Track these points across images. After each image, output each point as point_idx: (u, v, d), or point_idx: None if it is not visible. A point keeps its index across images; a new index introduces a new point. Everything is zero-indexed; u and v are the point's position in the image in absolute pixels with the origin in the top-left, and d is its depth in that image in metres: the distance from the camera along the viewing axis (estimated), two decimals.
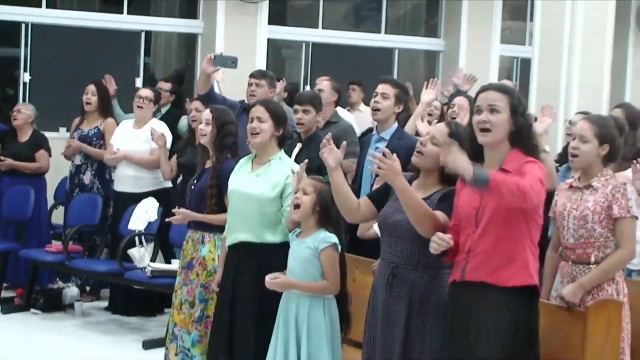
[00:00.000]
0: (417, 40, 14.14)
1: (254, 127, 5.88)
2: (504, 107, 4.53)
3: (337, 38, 13.35)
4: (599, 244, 5.37)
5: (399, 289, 4.96)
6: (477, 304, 4.56)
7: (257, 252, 5.88)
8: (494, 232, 4.53)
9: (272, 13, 12.44)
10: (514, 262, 4.53)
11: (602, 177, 5.43)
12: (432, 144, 4.98)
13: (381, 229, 5.15)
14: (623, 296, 5.43)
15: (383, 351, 5.03)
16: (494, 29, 13.82)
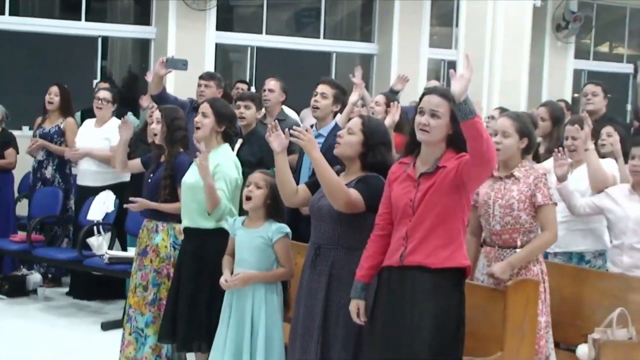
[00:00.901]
0: (353, 44, 14.18)
1: (197, 122, 5.99)
2: (445, 113, 4.52)
3: (279, 43, 13.37)
4: (524, 229, 5.44)
5: (321, 267, 5.03)
6: (414, 287, 4.56)
7: (194, 236, 5.99)
8: (431, 218, 4.53)
9: (220, 20, 12.43)
10: (450, 245, 4.55)
11: (523, 168, 5.49)
12: (349, 134, 5.06)
13: (310, 213, 5.22)
14: (545, 275, 5.53)
15: (305, 324, 5.09)
16: (423, 34, 13.90)
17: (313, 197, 5.20)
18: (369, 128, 5.08)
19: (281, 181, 5.22)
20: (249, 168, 6.11)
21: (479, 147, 4.28)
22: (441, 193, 4.51)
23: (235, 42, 13.32)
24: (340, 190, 4.86)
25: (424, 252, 4.54)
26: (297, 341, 5.16)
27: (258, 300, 5.51)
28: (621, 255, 6.12)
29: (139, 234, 6.50)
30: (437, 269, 4.52)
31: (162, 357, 6.29)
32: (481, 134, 4.26)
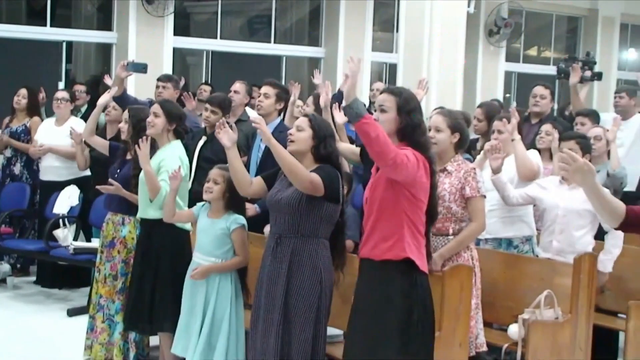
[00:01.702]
0: (302, 48, 14.18)
1: (149, 121, 6.02)
2: (392, 107, 4.55)
3: (233, 47, 13.34)
4: (455, 218, 5.47)
5: (282, 255, 5.05)
6: (366, 277, 4.63)
7: (144, 226, 6.04)
8: (374, 213, 4.57)
9: (177, 25, 12.36)
10: (391, 237, 4.55)
11: (455, 162, 5.52)
12: (299, 132, 5.10)
13: (269, 208, 5.23)
14: (476, 261, 5.57)
15: (267, 308, 5.09)
16: (367, 39, 13.91)
17: (270, 192, 5.21)
18: (316, 123, 5.15)
19: (235, 173, 5.25)
20: (209, 164, 6.15)
21: (370, 146, 4.28)
22: (380, 189, 4.55)
23: (191, 46, 13.26)
24: (301, 169, 4.90)
25: (370, 245, 4.59)
26: (259, 324, 5.16)
27: (211, 287, 5.53)
28: (551, 241, 6.17)
29: (103, 227, 6.48)
30: (380, 261, 4.55)
31: (130, 341, 6.30)
32: (369, 134, 4.21)
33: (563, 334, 5.71)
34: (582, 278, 5.77)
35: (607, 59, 16.93)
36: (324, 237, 5.06)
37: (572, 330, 5.75)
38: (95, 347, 6.35)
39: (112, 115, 7.93)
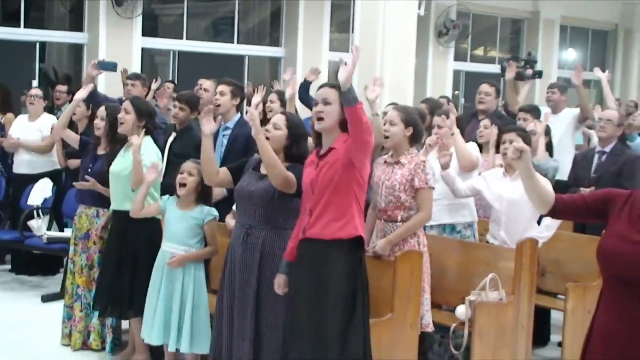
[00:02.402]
0: (263, 49, 14.17)
1: (120, 118, 5.97)
2: (335, 99, 4.54)
3: (198, 47, 13.31)
4: (404, 207, 5.49)
5: (253, 245, 5.02)
6: (315, 256, 4.57)
7: (120, 217, 5.95)
8: (326, 195, 4.55)
9: (145, 27, 12.30)
10: (342, 218, 4.55)
11: (408, 155, 5.54)
12: (275, 129, 5.07)
13: (237, 199, 5.21)
14: (423, 247, 5.59)
15: (241, 295, 5.08)
16: (324, 39, 13.95)
17: (240, 184, 5.17)
18: (292, 123, 5.12)
19: (205, 161, 5.21)
20: (179, 159, 6.10)
21: (358, 130, 4.31)
22: (334, 172, 4.53)
23: (159, 46, 13.20)
24: (281, 167, 4.88)
25: (320, 225, 4.56)
26: (233, 308, 5.13)
27: (187, 275, 5.51)
28: (499, 230, 6.20)
29: (76, 220, 6.42)
30: (331, 240, 4.54)
31: (107, 326, 6.26)
32: (361, 119, 4.28)
33: (506, 314, 5.76)
34: (524, 262, 5.83)
35: (548, 58, 17.08)
36: (291, 229, 5.03)
37: (515, 310, 5.80)
38: (74, 335, 6.31)
39: (78, 113, 7.83)
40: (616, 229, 3.48)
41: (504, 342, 5.77)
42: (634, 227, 3.43)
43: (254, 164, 5.19)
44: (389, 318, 5.13)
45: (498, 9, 16.84)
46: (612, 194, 3.64)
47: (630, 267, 3.37)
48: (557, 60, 17.58)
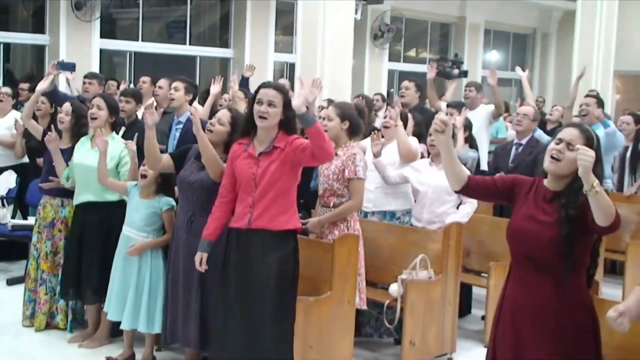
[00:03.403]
0: (213, 50, 14.10)
1: (93, 113, 5.82)
2: (279, 103, 4.52)
3: (153, 48, 13.20)
4: (337, 194, 5.54)
5: (196, 230, 4.98)
6: (259, 245, 4.55)
7: (99, 208, 5.82)
8: (273, 190, 4.52)
9: (103, 29, 12.17)
10: (287, 212, 4.56)
11: (345, 148, 5.56)
12: (219, 125, 5.06)
13: (180, 187, 5.18)
14: (354, 231, 5.59)
15: (185, 276, 5.08)
16: (270, 41, 13.93)
17: (182, 173, 5.15)
18: (236, 120, 5.09)
19: (148, 149, 5.15)
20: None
21: (322, 145, 4.31)
22: (281, 170, 4.52)
23: (116, 48, 13.05)
24: (218, 163, 4.89)
25: (267, 218, 4.53)
26: (178, 289, 5.13)
27: (144, 262, 5.44)
28: (422, 213, 6.27)
29: (40, 210, 6.28)
30: (277, 231, 4.54)
31: (69, 306, 6.18)
32: (323, 136, 4.32)
33: (435, 291, 5.82)
34: (451, 244, 5.90)
35: (473, 59, 17.25)
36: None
37: (443, 287, 5.87)
38: (39, 317, 6.20)
39: (42, 109, 7.71)
40: (523, 211, 3.60)
41: (433, 316, 5.83)
42: (538, 209, 3.54)
43: (196, 152, 5.13)
44: (328, 296, 5.15)
45: (428, 14, 16.94)
46: (518, 179, 3.75)
47: (536, 244, 3.48)
48: (481, 61, 17.76)
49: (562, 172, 3.49)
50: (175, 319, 5.15)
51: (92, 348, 5.88)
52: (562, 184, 3.52)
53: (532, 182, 3.67)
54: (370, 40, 15.38)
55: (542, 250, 3.46)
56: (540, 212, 3.52)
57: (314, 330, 5.09)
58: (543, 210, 3.52)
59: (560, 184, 3.53)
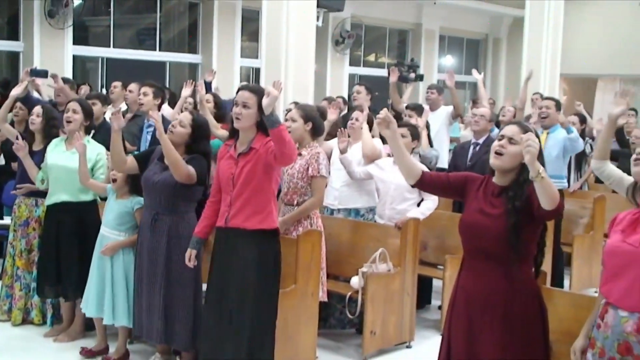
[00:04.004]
0: (182, 56, 14.00)
1: (68, 117, 5.74)
2: (253, 104, 4.49)
3: (125, 54, 13.06)
4: (300, 192, 5.54)
5: (160, 229, 5.00)
6: (236, 243, 4.55)
7: (74, 208, 5.77)
8: (248, 190, 4.51)
9: (76, 36, 12.01)
10: (262, 212, 4.53)
11: (309, 147, 5.56)
12: (181, 127, 5.04)
13: (144, 187, 5.15)
14: (317, 227, 5.60)
15: (149, 272, 5.07)
16: (236, 47, 13.87)
17: (146, 174, 5.12)
18: (197, 123, 5.09)
19: (114, 152, 5.13)
20: None
21: (283, 148, 4.29)
22: (255, 171, 4.50)
23: (89, 54, 12.90)
24: (182, 165, 4.86)
25: (242, 217, 4.53)
26: (142, 286, 5.11)
27: (117, 260, 5.41)
28: (384, 209, 6.29)
29: (15, 210, 6.23)
30: (251, 230, 4.53)
31: (47, 303, 6.16)
32: (284, 139, 4.25)
33: (394, 283, 5.85)
34: (409, 238, 5.93)
35: (429, 63, 17.33)
36: (192, 212, 5.07)
37: (401, 279, 5.90)
38: (14, 312, 6.16)
39: (20, 115, 7.60)
40: (474, 206, 3.66)
41: (392, 307, 5.86)
42: (487, 203, 3.61)
43: (159, 154, 5.11)
44: (293, 289, 5.16)
45: (386, 20, 16.99)
46: (470, 176, 3.81)
47: (485, 235, 3.54)
48: (436, 65, 17.83)
49: (506, 166, 3.56)
50: (140, 313, 5.16)
51: (66, 342, 5.86)
52: (509, 179, 3.59)
53: (482, 179, 3.74)
54: (331, 45, 15.39)
55: (491, 242, 3.52)
56: (489, 206, 3.59)
57: (280, 321, 5.04)
58: (491, 204, 3.58)
59: (506, 179, 3.60)
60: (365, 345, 5.72)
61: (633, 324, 3.14)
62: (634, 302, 3.14)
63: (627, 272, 3.16)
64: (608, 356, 3.22)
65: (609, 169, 4.61)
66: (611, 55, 17.10)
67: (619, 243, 3.23)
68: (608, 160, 4.68)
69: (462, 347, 3.62)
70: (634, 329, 3.14)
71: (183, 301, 5.00)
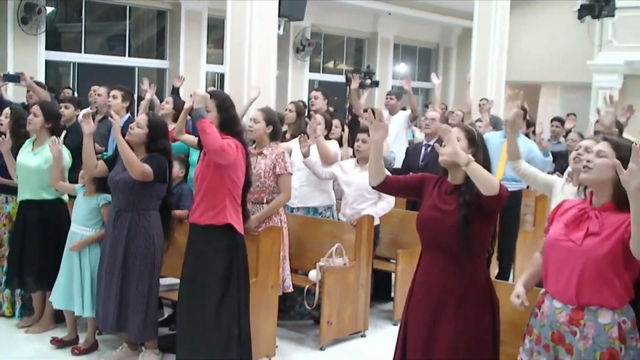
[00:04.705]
0: (151, 61, 13.90)
1: (29, 119, 5.75)
2: (213, 107, 4.59)
3: (95, 60, 12.94)
4: (269, 190, 5.53)
5: (121, 224, 5.00)
6: (196, 237, 4.62)
7: (37, 206, 5.72)
8: (204, 187, 4.57)
9: (49, 42, 11.89)
10: (215, 208, 4.56)
11: (270, 148, 5.56)
12: (138, 128, 5.04)
13: (110, 186, 5.14)
14: (284, 223, 5.64)
15: (109, 264, 5.05)
16: (202, 54, 13.84)
17: (111, 174, 5.14)
18: (153, 123, 5.09)
19: (85, 156, 5.16)
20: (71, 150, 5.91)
21: (204, 140, 4.40)
22: (207, 169, 4.57)
23: (61, 59, 12.75)
24: (136, 163, 4.86)
25: (198, 213, 4.61)
26: (102, 277, 5.11)
27: (84, 255, 5.37)
28: (346, 209, 6.30)
29: None
30: (205, 225, 4.56)
31: (16, 295, 6.09)
32: (205, 130, 4.36)
33: (349, 276, 5.87)
34: (363, 234, 5.96)
35: (384, 70, 17.41)
36: (155, 209, 5.05)
37: (356, 273, 5.92)
38: None
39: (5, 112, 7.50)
40: (429, 203, 3.71)
41: (348, 298, 5.88)
42: (441, 200, 3.66)
43: None
44: (254, 281, 5.14)
45: (344, 30, 17.04)
46: (425, 177, 3.87)
47: (440, 230, 3.59)
48: (391, 72, 17.92)
49: (450, 160, 3.57)
50: (99, 303, 5.16)
51: (38, 333, 5.81)
52: (460, 177, 3.63)
53: (437, 179, 3.79)
54: (292, 53, 15.39)
55: (445, 235, 3.57)
56: (442, 203, 3.65)
57: None
58: (445, 201, 3.64)
59: (458, 177, 3.65)
60: (322, 334, 5.73)
61: (566, 315, 3.19)
62: (569, 295, 3.18)
63: (566, 266, 3.19)
64: (543, 343, 3.27)
65: (523, 167, 4.72)
66: (553, 63, 17.34)
67: (561, 237, 3.24)
68: (521, 159, 4.81)
69: (420, 335, 3.64)
70: (566, 320, 3.19)
71: (138, 293, 4.99)
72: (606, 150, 3.21)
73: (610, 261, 3.08)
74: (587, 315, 3.13)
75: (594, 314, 3.13)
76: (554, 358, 3.22)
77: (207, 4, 13.75)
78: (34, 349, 5.54)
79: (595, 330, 3.11)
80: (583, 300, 3.14)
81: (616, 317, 3.12)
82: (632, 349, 3.12)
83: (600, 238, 3.12)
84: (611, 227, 3.12)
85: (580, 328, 3.14)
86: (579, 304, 3.15)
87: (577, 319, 3.15)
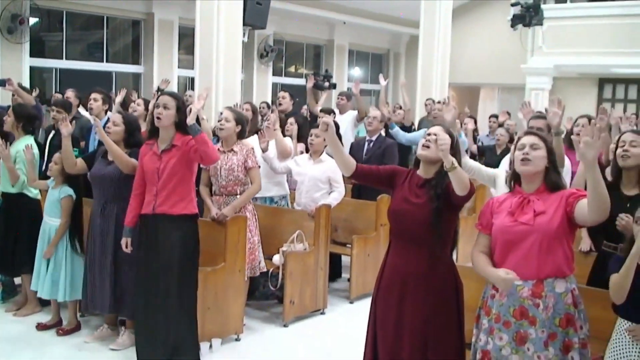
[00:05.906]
0: (127, 67, 13.70)
1: (5, 120, 5.76)
2: (172, 106, 4.54)
3: (76, 66, 12.72)
4: (241, 183, 5.49)
5: (109, 215, 4.96)
6: (163, 227, 4.52)
7: (6, 199, 5.75)
8: (173, 181, 4.50)
9: (33, 49, 11.66)
10: (185, 199, 4.54)
11: (238, 145, 5.52)
12: (115, 126, 5.02)
13: (92, 181, 5.09)
14: (255, 211, 5.61)
15: (100, 252, 5.00)
16: (174, 59, 13.69)
17: (93, 169, 5.09)
18: (127, 119, 5.10)
19: (65, 155, 5.14)
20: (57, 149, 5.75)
21: (207, 150, 4.40)
22: (180, 164, 4.52)
23: (44, 65, 12.51)
24: (125, 158, 4.86)
25: (169, 204, 4.53)
26: (95, 266, 5.03)
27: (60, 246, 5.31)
28: (300, 198, 6.31)
29: None
30: (177, 215, 4.52)
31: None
32: (207, 142, 4.39)
33: (309, 260, 5.88)
34: (321, 222, 5.97)
35: (340, 74, 17.41)
36: None
37: (316, 257, 5.93)
38: None
39: None
40: (400, 195, 3.64)
41: (308, 280, 5.89)
42: (412, 193, 3.60)
43: (102, 152, 5.12)
44: (222, 266, 5.14)
45: (304, 37, 17.00)
46: (397, 170, 3.80)
47: (411, 221, 3.53)
48: (346, 75, 17.93)
49: (432, 156, 3.55)
50: (94, 291, 5.08)
51: (24, 316, 5.73)
52: (432, 172, 3.59)
53: (407, 172, 3.72)
54: (257, 58, 15.30)
55: (415, 226, 3.51)
56: (413, 195, 3.58)
57: (211, 294, 5.06)
58: (416, 194, 3.57)
59: (430, 171, 3.60)
60: (286, 313, 5.73)
61: (528, 290, 3.21)
62: (530, 272, 3.19)
63: (521, 247, 3.19)
64: (503, 320, 3.26)
65: (469, 163, 4.74)
66: (491, 67, 17.51)
67: (511, 224, 3.26)
68: (466, 155, 4.82)
69: (391, 317, 3.58)
70: (529, 294, 3.20)
71: (130, 277, 4.92)
72: (539, 143, 3.32)
73: (560, 234, 3.17)
74: (547, 287, 3.19)
75: (552, 285, 3.19)
76: (515, 332, 3.23)
77: (178, 13, 13.63)
78: (20, 330, 5.46)
79: (554, 299, 3.18)
80: (543, 273, 3.18)
81: (569, 286, 3.22)
82: (581, 311, 3.24)
83: (549, 215, 3.19)
84: (553, 204, 3.22)
85: (542, 300, 3.18)
86: (539, 278, 3.19)
87: (538, 292, 3.19)
